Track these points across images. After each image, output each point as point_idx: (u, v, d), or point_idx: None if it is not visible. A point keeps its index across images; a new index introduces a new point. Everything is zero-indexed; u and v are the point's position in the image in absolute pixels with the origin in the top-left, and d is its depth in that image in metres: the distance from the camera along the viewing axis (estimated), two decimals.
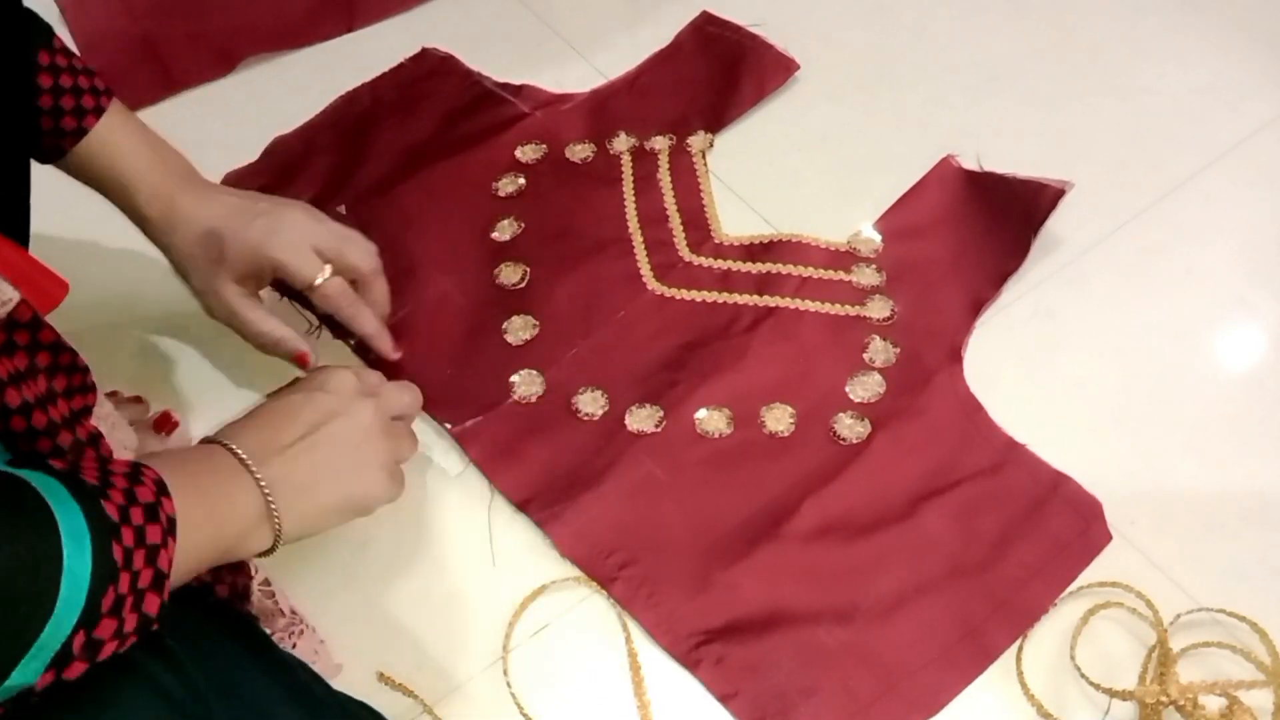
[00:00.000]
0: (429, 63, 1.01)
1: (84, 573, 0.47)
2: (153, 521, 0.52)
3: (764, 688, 0.67)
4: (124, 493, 0.51)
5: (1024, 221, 0.85)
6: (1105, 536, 0.72)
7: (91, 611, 0.48)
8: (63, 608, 0.46)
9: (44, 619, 0.46)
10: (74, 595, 0.47)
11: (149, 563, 0.51)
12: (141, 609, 0.51)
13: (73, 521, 0.48)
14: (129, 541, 0.50)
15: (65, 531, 0.47)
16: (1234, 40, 1.00)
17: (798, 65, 0.98)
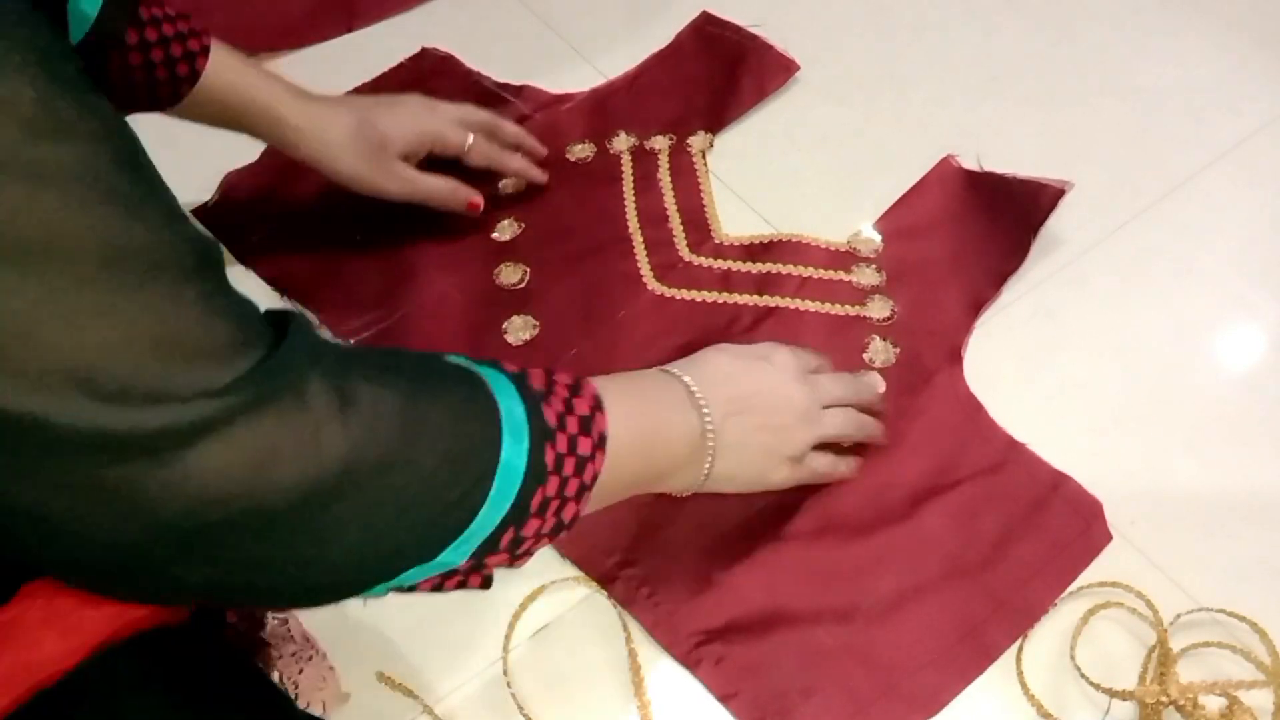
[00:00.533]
0: (429, 62, 1.01)
1: (518, 468, 0.49)
2: (585, 433, 0.54)
3: (764, 688, 0.67)
4: (564, 401, 0.54)
5: (1024, 221, 0.85)
6: (1105, 536, 0.72)
7: (521, 508, 0.50)
8: (496, 498, 0.49)
9: (478, 505, 0.48)
10: (507, 488, 0.49)
11: (577, 472, 0.53)
12: (561, 515, 0.53)
13: (514, 418, 0.50)
14: (562, 448, 0.52)
15: (507, 427, 0.49)
16: (1234, 40, 1.00)
17: (798, 66, 0.98)
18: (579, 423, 0.54)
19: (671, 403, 0.63)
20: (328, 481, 0.42)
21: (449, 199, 0.84)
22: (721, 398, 0.64)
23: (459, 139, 0.84)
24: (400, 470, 0.45)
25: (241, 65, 0.78)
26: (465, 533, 0.48)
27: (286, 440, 0.41)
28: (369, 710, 0.67)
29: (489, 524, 0.49)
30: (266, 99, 0.77)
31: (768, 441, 0.66)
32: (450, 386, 0.50)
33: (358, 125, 0.79)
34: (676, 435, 0.62)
